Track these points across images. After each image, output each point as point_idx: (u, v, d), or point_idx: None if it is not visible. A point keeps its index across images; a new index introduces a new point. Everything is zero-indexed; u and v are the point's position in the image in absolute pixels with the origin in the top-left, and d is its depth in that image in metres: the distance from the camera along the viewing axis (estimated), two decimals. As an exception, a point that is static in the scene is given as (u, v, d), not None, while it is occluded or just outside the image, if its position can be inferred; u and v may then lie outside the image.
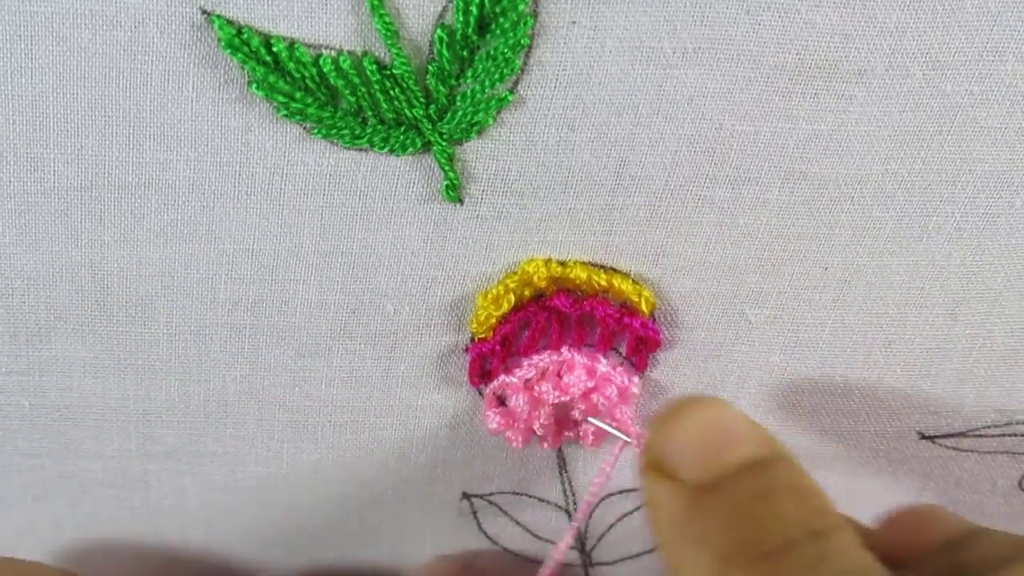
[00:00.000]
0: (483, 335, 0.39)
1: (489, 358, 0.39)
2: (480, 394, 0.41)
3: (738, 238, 0.37)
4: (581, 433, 0.41)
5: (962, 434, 0.43)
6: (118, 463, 0.43)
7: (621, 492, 0.45)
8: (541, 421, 0.40)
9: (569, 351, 0.39)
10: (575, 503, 0.46)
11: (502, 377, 0.40)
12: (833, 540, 0.29)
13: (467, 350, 0.40)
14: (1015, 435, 0.43)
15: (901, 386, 0.41)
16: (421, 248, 0.37)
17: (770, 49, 0.33)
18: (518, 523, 0.47)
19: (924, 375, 0.41)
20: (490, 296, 0.38)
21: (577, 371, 0.39)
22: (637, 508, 0.46)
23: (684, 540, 0.30)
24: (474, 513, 0.47)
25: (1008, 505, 0.47)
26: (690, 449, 0.31)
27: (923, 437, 0.43)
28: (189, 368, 0.40)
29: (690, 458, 0.31)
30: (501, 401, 0.40)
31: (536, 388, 0.40)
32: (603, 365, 0.39)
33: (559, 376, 0.40)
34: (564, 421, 0.41)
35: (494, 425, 0.40)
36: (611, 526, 0.47)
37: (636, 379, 0.40)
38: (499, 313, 0.38)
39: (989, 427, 0.43)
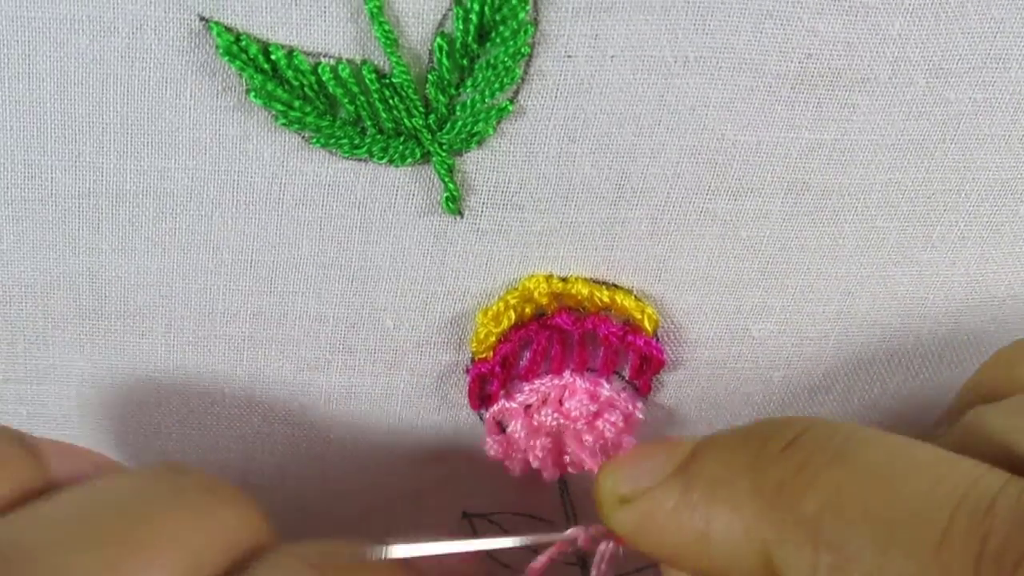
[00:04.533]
0: (483, 355, 0.38)
1: (489, 379, 0.39)
2: (481, 418, 0.40)
3: (741, 251, 0.37)
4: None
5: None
6: (117, 475, 0.43)
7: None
8: (537, 452, 0.39)
9: (571, 375, 0.39)
10: (577, 523, 0.45)
11: (502, 402, 0.39)
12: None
13: (467, 371, 0.39)
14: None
15: (904, 394, 0.41)
16: (420, 262, 0.37)
17: (772, 58, 0.32)
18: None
19: (927, 384, 0.41)
20: (490, 313, 0.37)
21: (579, 396, 0.38)
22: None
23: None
24: (474, 532, 0.46)
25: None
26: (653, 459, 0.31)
27: None
28: (188, 380, 0.40)
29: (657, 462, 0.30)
30: (502, 427, 0.40)
31: (536, 415, 0.39)
32: (606, 389, 0.39)
33: (560, 402, 0.39)
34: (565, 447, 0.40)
35: (493, 452, 0.40)
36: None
37: (640, 404, 0.39)
38: (499, 330, 0.37)
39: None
